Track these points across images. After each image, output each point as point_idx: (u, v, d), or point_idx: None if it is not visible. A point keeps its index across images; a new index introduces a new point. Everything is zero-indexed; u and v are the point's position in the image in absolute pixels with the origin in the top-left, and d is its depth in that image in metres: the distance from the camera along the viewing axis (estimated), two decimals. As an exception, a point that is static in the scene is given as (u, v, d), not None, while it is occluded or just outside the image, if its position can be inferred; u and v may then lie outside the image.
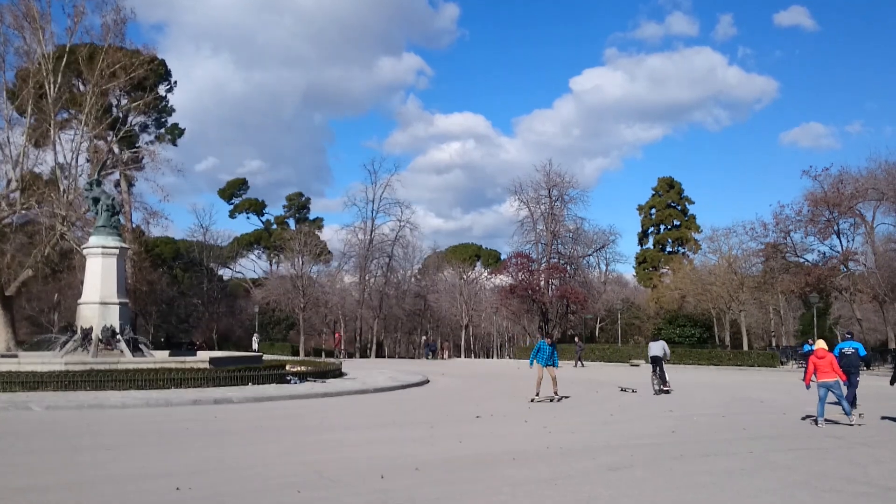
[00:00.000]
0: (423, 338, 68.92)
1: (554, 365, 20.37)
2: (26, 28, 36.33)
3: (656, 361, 24.37)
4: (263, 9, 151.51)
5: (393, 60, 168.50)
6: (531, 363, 20.49)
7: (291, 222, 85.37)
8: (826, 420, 15.03)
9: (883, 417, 15.90)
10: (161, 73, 54.94)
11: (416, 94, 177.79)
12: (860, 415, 14.99)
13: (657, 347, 25.13)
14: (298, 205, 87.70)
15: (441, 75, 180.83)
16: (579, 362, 41.96)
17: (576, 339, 53.39)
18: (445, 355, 67.56)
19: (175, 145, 59.57)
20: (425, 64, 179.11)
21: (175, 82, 57.79)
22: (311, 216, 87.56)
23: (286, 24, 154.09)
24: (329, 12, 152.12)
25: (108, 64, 37.39)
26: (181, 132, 60.08)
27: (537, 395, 19.99)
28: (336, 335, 55.97)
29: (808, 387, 15.14)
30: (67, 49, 37.39)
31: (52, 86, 36.20)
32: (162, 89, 56.11)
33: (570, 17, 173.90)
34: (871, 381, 27.37)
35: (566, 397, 20.76)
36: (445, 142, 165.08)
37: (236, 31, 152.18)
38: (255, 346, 49.52)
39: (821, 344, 15.41)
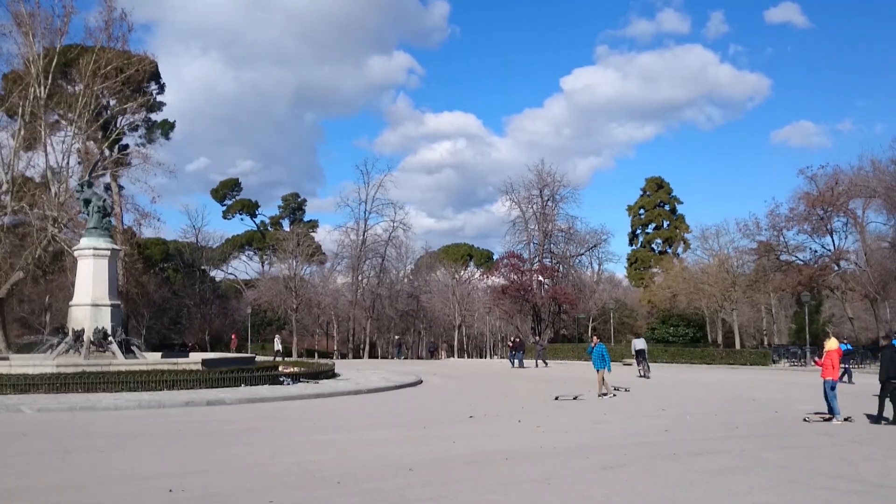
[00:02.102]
0: (396, 337, 68.66)
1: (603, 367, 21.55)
2: (16, 30, 36.15)
3: (640, 354, 32.12)
4: (253, 7, 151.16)
5: (383, 59, 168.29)
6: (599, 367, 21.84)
7: (286, 223, 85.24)
8: (816, 413, 15.42)
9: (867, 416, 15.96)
10: (151, 71, 54.76)
11: (407, 93, 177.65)
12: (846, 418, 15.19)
13: (640, 343, 33.37)
14: (294, 206, 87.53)
15: (432, 74, 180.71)
16: (542, 361, 41.52)
17: (538, 338, 53.48)
18: (443, 355, 67.73)
19: (168, 139, 59.32)
20: (416, 62, 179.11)
21: (163, 84, 57.63)
22: (306, 217, 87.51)
23: (276, 23, 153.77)
24: (319, 10, 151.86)
25: (100, 65, 37.23)
26: (172, 125, 59.76)
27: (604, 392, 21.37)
28: (233, 335, 55.44)
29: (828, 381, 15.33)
30: (58, 50, 37.20)
31: (42, 88, 36.03)
32: (152, 88, 55.96)
33: (561, 13, 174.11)
34: (862, 379, 27.53)
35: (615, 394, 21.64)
36: (436, 141, 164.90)
37: (226, 29, 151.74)
38: (277, 346, 50.02)
39: (835, 343, 15.69)
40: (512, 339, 45.44)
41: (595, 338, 23.39)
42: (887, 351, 15.57)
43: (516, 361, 39.57)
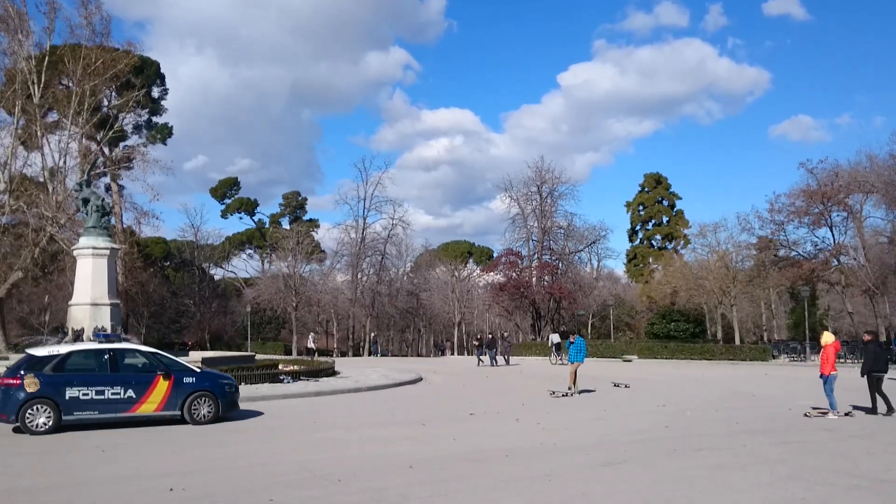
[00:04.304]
0: (373, 335, 68.38)
1: (576, 361, 20.93)
2: (7, 28, 35.99)
3: (558, 346, 38.20)
4: (248, 4, 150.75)
5: (380, 55, 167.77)
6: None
7: (286, 221, 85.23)
8: (816, 408, 15.52)
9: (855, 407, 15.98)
10: (152, 72, 54.77)
11: (403, 89, 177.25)
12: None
13: (556, 338, 39.85)
14: (295, 204, 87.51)
15: (428, 70, 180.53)
16: (505, 358, 41.02)
17: (504, 334, 53.30)
18: (447, 353, 67.85)
19: (165, 144, 59.37)
20: (412, 58, 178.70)
21: (167, 89, 57.82)
22: (307, 216, 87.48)
23: (271, 19, 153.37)
24: (315, 6, 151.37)
25: (90, 62, 37.08)
26: (169, 131, 59.78)
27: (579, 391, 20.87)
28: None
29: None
30: (48, 48, 37.09)
31: (36, 86, 35.93)
32: (155, 91, 56.05)
33: (559, 6, 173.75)
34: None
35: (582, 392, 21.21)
36: (433, 138, 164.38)
37: (221, 26, 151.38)
38: (311, 344, 50.26)
39: (831, 337, 15.73)
40: (478, 336, 44.60)
41: (571, 336, 23.01)
42: (871, 346, 16.18)
43: (485, 359, 38.55)
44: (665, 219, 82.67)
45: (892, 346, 40.43)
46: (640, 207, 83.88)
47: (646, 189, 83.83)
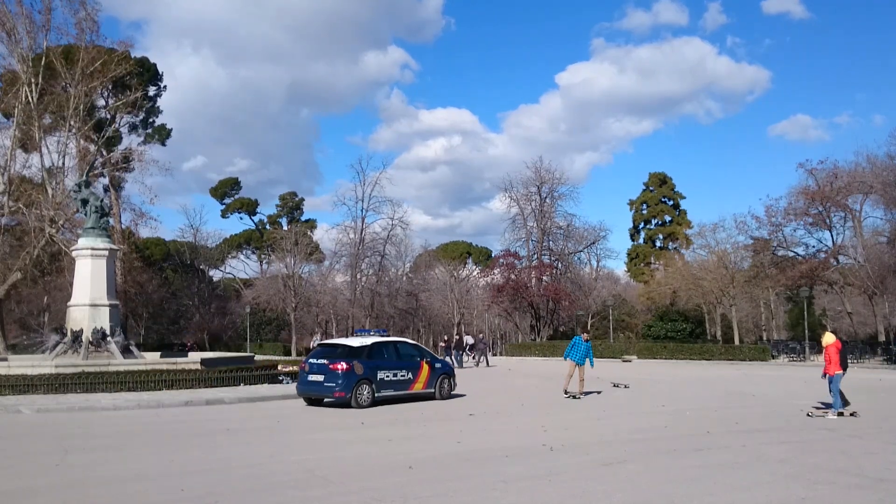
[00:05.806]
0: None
1: (585, 364, 20.22)
2: (5, 29, 35.91)
3: (472, 347, 41.21)
4: (246, 3, 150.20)
5: (378, 54, 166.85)
6: (565, 357, 20.72)
7: (284, 222, 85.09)
8: (817, 407, 15.59)
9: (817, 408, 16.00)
10: (149, 74, 54.71)
11: (401, 89, 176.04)
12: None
13: (470, 339, 43.11)
14: (292, 205, 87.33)
15: (426, 68, 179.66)
16: (483, 360, 40.10)
17: (480, 335, 53.22)
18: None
19: (164, 145, 59.28)
20: (410, 58, 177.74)
21: (165, 87, 57.72)
22: (304, 217, 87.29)
23: (269, 18, 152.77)
24: (312, 5, 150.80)
25: (86, 63, 36.98)
26: (168, 132, 59.70)
27: (565, 391, 20.20)
28: None
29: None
30: (44, 49, 37.02)
31: (33, 87, 35.87)
32: (151, 90, 55.92)
33: (557, 5, 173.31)
34: (862, 374, 27.57)
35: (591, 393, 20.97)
36: (431, 138, 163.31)
37: (218, 26, 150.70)
38: (315, 343, 50.45)
39: (832, 338, 15.74)
40: (445, 337, 43.52)
41: (584, 335, 22.80)
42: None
43: (453, 361, 36.83)
44: (668, 218, 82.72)
45: (891, 346, 40.57)
46: (644, 206, 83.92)
47: (650, 188, 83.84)
